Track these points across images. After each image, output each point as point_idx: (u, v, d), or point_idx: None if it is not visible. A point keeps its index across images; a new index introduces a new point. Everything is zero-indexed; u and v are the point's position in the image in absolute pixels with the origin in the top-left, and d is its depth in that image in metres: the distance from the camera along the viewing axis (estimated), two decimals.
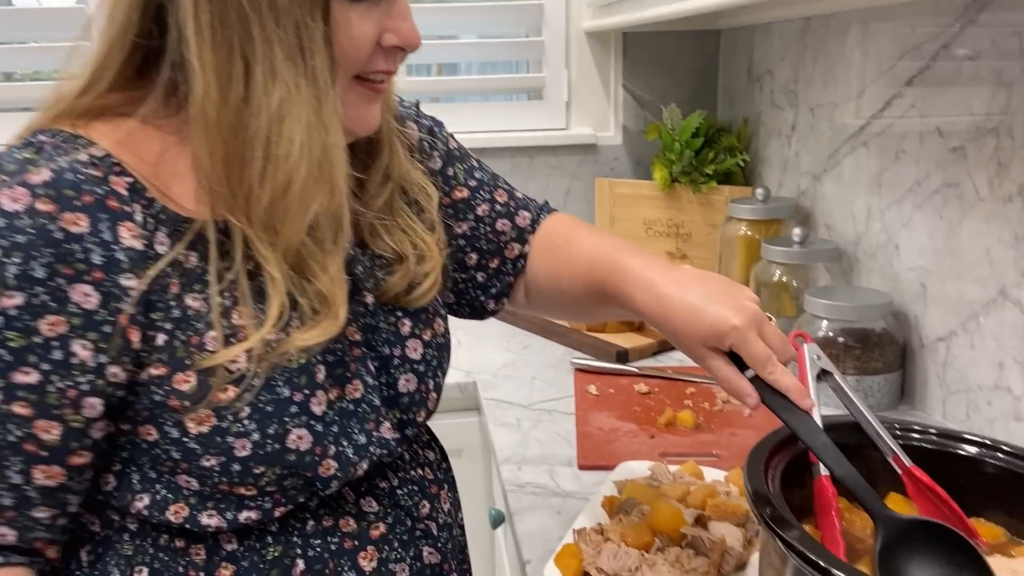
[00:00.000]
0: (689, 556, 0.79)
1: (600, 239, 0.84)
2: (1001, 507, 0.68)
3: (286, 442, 0.63)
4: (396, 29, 0.65)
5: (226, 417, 0.62)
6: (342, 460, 0.67)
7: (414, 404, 0.74)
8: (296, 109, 0.59)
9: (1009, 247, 1.02)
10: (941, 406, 1.17)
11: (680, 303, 0.72)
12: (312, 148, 0.60)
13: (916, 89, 1.19)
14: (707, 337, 0.70)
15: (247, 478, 0.63)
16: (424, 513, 0.76)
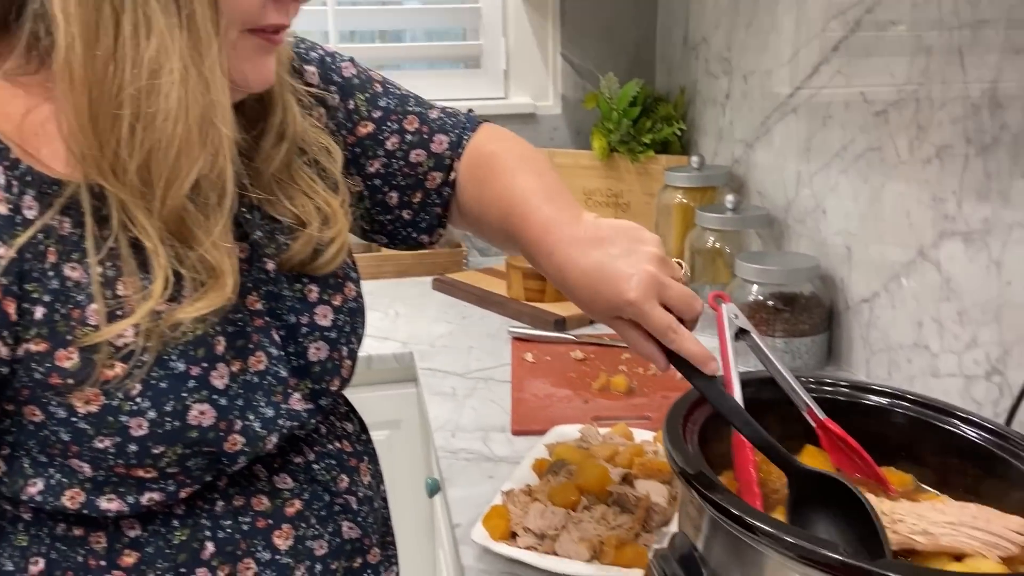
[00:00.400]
0: (615, 513, 0.80)
1: (514, 178, 0.78)
2: (909, 455, 0.70)
3: (187, 419, 0.60)
4: None
5: (115, 395, 0.58)
6: (249, 435, 0.64)
7: (326, 373, 0.71)
8: (172, 63, 0.55)
9: (928, 208, 1.05)
10: (865, 365, 1.20)
11: (578, 274, 0.69)
12: (191, 106, 0.56)
13: (841, 56, 1.20)
14: (606, 310, 0.69)
15: (145, 459, 0.59)
16: (343, 487, 0.74)
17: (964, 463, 0.66)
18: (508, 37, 1.88)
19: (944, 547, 0.58)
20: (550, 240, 0.72)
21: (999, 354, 0.95)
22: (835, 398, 0.72)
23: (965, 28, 0.96)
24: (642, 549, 0.76)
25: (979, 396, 0.98)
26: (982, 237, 0.96)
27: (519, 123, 1.91)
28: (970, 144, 0.96)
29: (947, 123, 1.00)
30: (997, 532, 0.58)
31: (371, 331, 1.50)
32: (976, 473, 0.65)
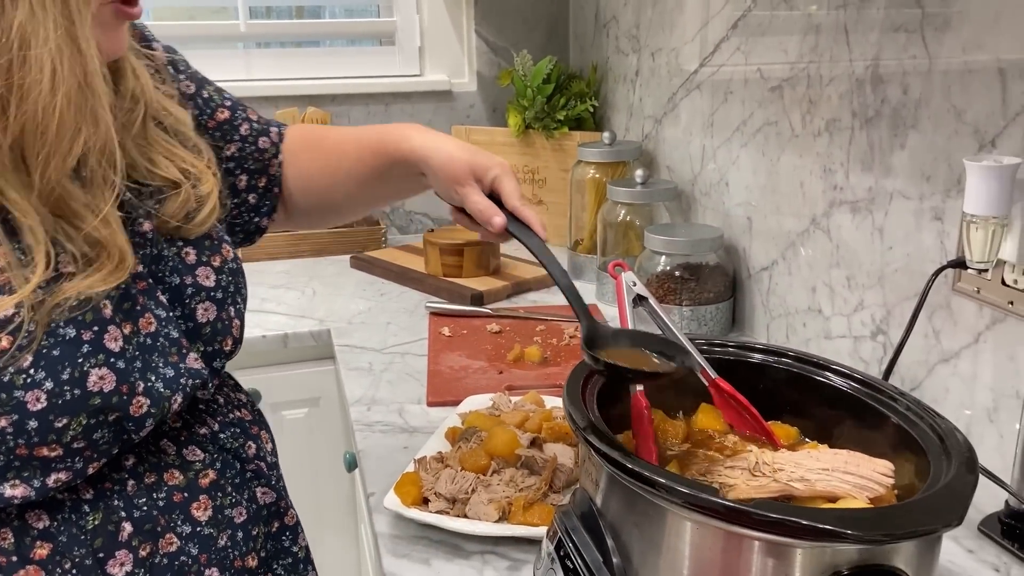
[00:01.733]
0: (523, 475, 0.83)
1: (349, 128, 0.92)
2: (793, 409, 0.75)
3: (87, 385, 0.58)
4: None
5: (5, 371, 0.55)
6: (153, 395, 0.62)
7: (217, 333, 0.70)
8: (43, 32, 0.53)
9: (819, 179, 1.10)
10: (766, 331, 1.26)
11: (454, 143, 0.84)
12: (67, 77, 0.54)
13: (740, 34, 1.25)
14: (478, 165, 0.82)
15: (48, 435, 0.57)
16: (251, 454, 0.74)
17: (839, 414, 0.71)
18: (422, 14, 1.88)
19: (820, 492, 0.63)
20: (418, 128, 0.86)
21: (883, 315, 1.01)
22: (724, 357, 0.76)
23: (850, 6, 1.01)
24: (549, 508, 0.79)
25: (866, 355, 1.05)
26: (867, 206, 1.02)
27: (435, 100, 1.91)
28: (856, 118, 1.02)
29: (835, 98, 1.05)
30: (866, 475, 0.63)
31: (288, 310, 1.49)
32: (850, 422, 0.70)
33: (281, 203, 0.92)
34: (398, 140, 0.86)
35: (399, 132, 0.87)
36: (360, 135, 0.90)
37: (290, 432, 1.46)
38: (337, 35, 1.94)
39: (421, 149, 0.84)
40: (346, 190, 0.91)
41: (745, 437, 0.74)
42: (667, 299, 1.29)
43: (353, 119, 1.87)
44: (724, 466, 0.66)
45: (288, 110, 1.77)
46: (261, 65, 1.83)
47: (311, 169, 0.90)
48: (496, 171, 0.83)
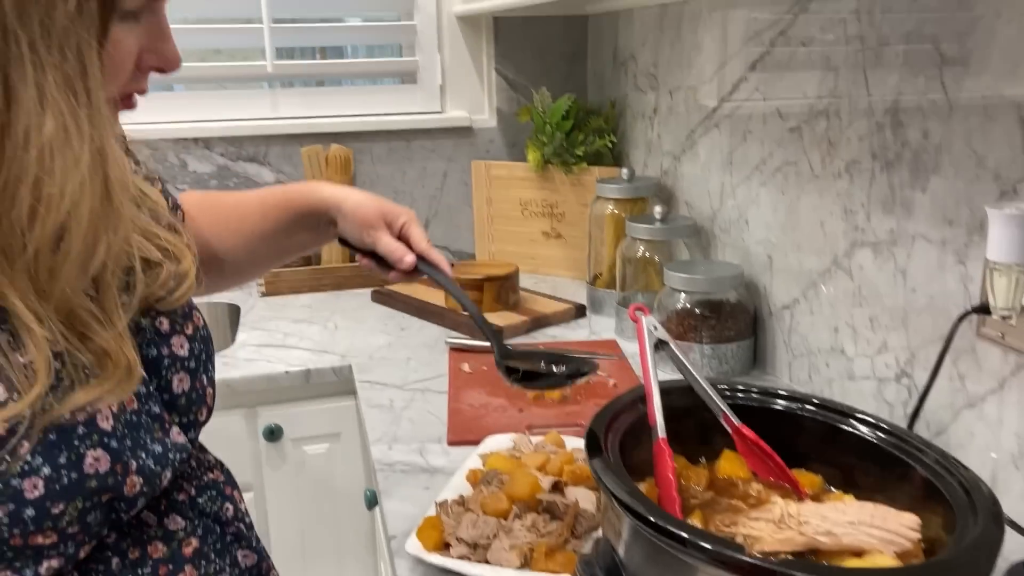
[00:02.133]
0: (545, 520, 0.83)
1: (246, 191, 0.96)
2: (818, 457, 0.74)
3: (83, 467, 0.56)
4: (157, 50, 0.61)
5: (2, 459, 0.53)
6: (146, 473, 0.61)
7: (192, 403, 0.69)
8: (72, 139, 0.51)
9: (840, 219, 1.10)
10: (788, 369, 1.25)
11: (364, 193, 0.92)
12: (93, 184, 0.53)
13: (759, 73, 1.26)
14: (388, 212, 0.90)
15: (44, 522, 0.55)
16: (230, 515, 0.73)
17: (865, 463, 0.70)
18: (444, 53, 1.90)
19: (846, 545, 0.63)
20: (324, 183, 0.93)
21: (907, 358, 1.01)
22: (747, 404, 0.76)
23: (869, 49, 1.02)
24: (571, 555, 0.79)
25: (890, 397, 1.04)
26: (888, 247, 1.02)
27: (455, 136, 1.93)
28: (876, 160, 1.02)
29: (855, 139, 1.06)
30: (893, 529, 0.62)
31: (310, 344, 1.50)
32: (877, 472, 0.69)
33: None
34: (306, 192, 0.92)
35: (306, 186, 0.94)
36: (263, 194, 0.94)
37: (311, 467, 1.47)
38: (362, 75, 1.97)
39: (332, 197, 0.91)
40: (250, 248, 0.94)
41: (769, 485, 0.74)
42: (687, 336, 1.29)
43: (375, 155, 1.89)
44: (749, 517, 0.66)
45: (313, 147, 1.80)
46: (287, 104, 1.87)
47: (210, 231, 0.91)
48: (404, 218, 0.91)
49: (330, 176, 1.81)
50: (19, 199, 0.51)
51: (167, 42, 0.61)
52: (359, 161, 1.88)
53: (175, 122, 1.78)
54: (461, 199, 1.97)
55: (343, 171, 1.83)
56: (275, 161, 1.85)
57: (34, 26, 0.50)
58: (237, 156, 1.83)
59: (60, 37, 0.51)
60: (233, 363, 1.44)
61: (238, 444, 1.43)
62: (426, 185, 1.95)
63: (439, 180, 1.95)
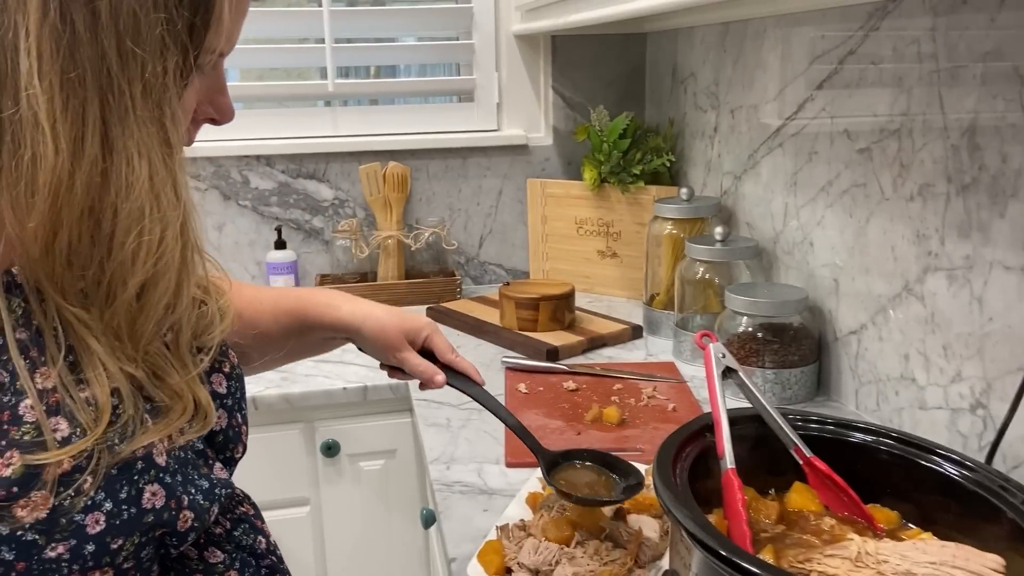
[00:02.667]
0: (608, 548, 0.81)
1: (261, 289, 0.95)
2: (895, 492, 0.72)
3: (141, 503, 0.56)
4: (214, 102, 0.62)
5: (67, 495, 0.53)
6: (197, 508, 0.61)
7: (229, 441, 0.69)
8: (166, 190, 0.53)
9: (912, 244, 1.07)
10: (854, 396, 1.22)
11: (383, 309, 0.92)
12: (179, 231, 0.54)
13: (826, 92, 1.24)
14: (410, 329, 0.92)
15: (103, 558, 0.55)
16: (263, 548, 0.72)
17: (947, 500, 0.68)
18: (501, 72, 1.91)
19: None
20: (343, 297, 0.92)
21: (983, 388, 0.97)
22: (821, 435, 0.74)
23: (944, 70, 0.99)
24: None
25: (964, 429, 1.00)
26: (964, 274, 0.98)
27: (511, 154, 1.94)
28: (951, 183, 0.99)
29: (928, 162, 1.03)
30: (975, 571, 0.60)
31: (367, 361, 1.50)
32: (957, 510, 0.67)
33: None
34: (323, 309, 0.91)
35: (323, 301, 0.92)
36: (277, 296, 0.92)
37: (367, 483, 1.48)
38: (421, 93, 1.99)
39: (351, 319, 0.91)
40: (256, 344, 0.90)
41: (842, 519, 0.72)
42: (748, 360, 1.26)
43: (431, 172, 1.91)
44: (824, 553, 0.64)
45: (371, 165, 1.82)
46: (346, 122, 1.89)
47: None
48: (427, 331, 0.93)
49: (388, 193, 1.83)
50: (125, 245, 0.53)
51: (224, 95, 0.63)
52: (415, 179, 1.90)
53: (238, 139, 1.82)
54: (516, 217, 1.97)
55: (400, 188, 1.84)
56: (334, 178, 1.87)
57: (135, 83, 0.52)
58: (297, 173, 1.86)
59: (157, 91, 0.53)
60: (292, 378, 1.45)
61: (296, 459, 1.45)
62: (481, 203, 1.96)
63: (494, 198, 1.96)
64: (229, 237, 1.85)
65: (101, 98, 0.51)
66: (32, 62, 0.49)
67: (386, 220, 1.85)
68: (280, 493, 1.45)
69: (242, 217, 1.85)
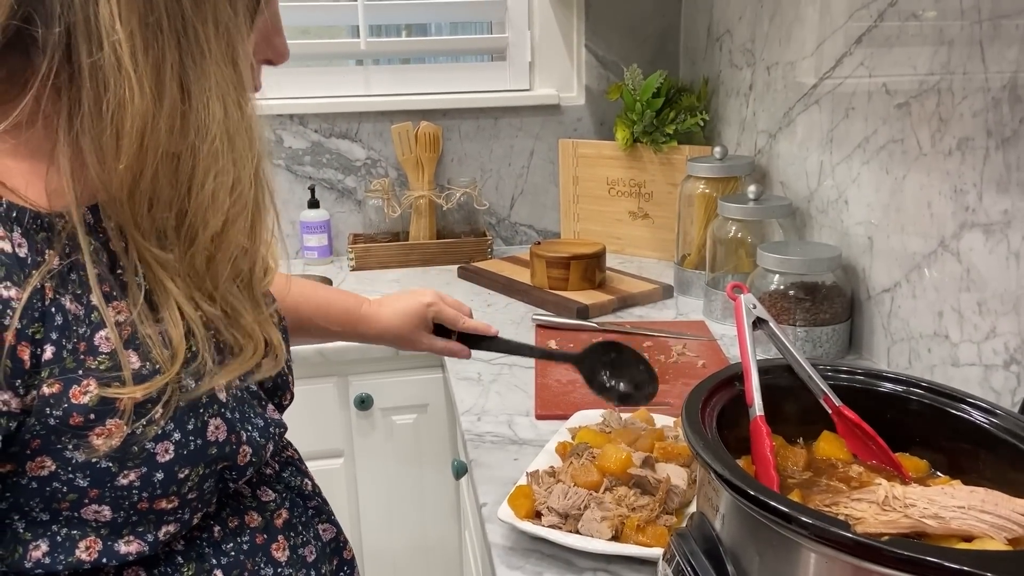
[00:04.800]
0: (636, 494, 0.83)
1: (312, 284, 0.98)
2: (923, 442, 0.72)
3: (206, 435, 0.59)
4: (271, 42, 0.63)
5: (139, 423, 0.55)
6: (254, 444, 0.63)
7: (278, 388, 0.71)
8: (241, 130, 0.54)
9: (949, 200, 1.06)
10: (886, 354, 1.21)
11: (390, 315, 0.96)
12: (252, 172, 0.56)
13: (865, 47, 1.21)
14: (416, 323, 0.96)
15: (171, 486, 0.57)
16: (309, 490, 0.75)
17: (976, 448, 0.68)
18: (534, 30, 1.90)
19: (954, 530, 0.61)
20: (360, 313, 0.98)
21: (1017, 344, 0.96)
22: (851, 385, 0.74)
23: (986, 22, 0.97)
24: (662, 529, 0.79)
25: (997, 385, 1.00)
26: (1002, 229, 0.97)
27: (543, 114, 1.93)
28: (991, 137, 0.98)
29: (968, 116, 1.01)
30: (1005, 515, 0.60)
31: None
32: (987, 458, 0.67)
33: None
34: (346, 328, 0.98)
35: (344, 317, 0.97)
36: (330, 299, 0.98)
37: (399, 436, 1.51)
38: (453, 51, 1.99)
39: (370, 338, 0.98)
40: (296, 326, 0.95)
41: (870, 467, 0.72)
42: (780, 319, 1.26)
43: (463, 132, 1.91)
44: (851, 498, 0.65)
45: (403, 125, 1.83)
46: (378, 81, 1.90)
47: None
48: (431, 312, 0.97)
49: (420, 153, 1.84)
50: (204, 186, 0.54)
51: (280, 35, 0.64)
52: (447, 139, 1.90)
53: (272, 98, 1.83)
54: (547, 178, 1.97)
55: (432, 148, 1.85)
56: (366, 138, 1.88)
57: (209, 23, 0.53)
58: (330, 132, 1.87)
59: (231, 31, 0.54)
60: None
61: (330, 412, 1.48)
62: (513, 163, 1.96)
63: (526, 158, 1.96)
64: None
65: (178, 41, 0.52)
66: (112, 7, 0.50)
67: (418, 180, 1.86)
68: (315, 445, 1.48)
69: (276, 176, 1.87)
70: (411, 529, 1.56)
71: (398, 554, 1.57)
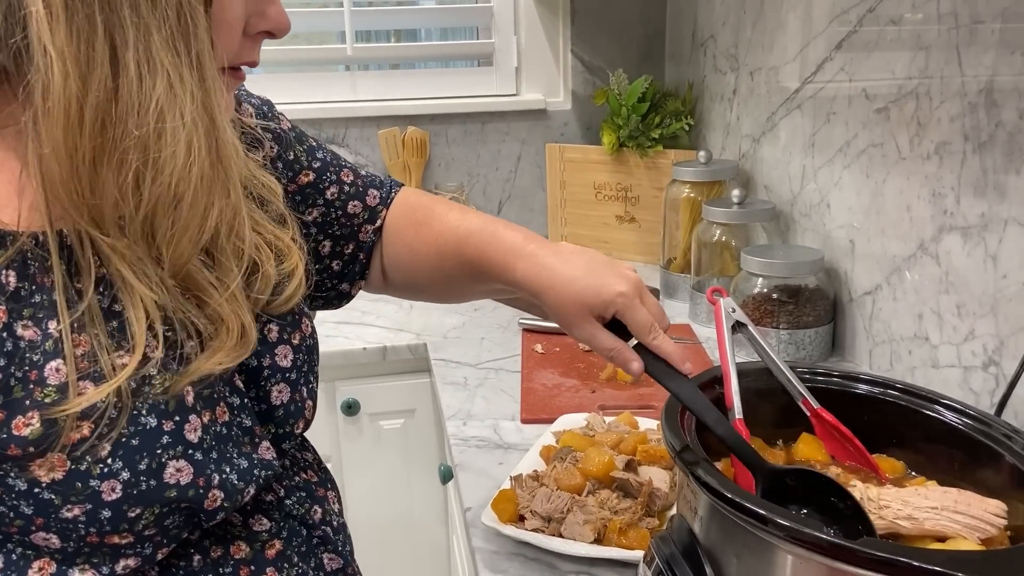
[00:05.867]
0: (618, 497, 0.84)
1: (465, 214, 0.80)
2: (900, 442, 0.73)
3: (163, 477, 0.56)
4: (263, 13, 0.60)
5: (83, 460, 0.53)
6: (228, 488, 0.59)
7: (290, 416, 0.67)
8: (180, 103, 0.51)
9: (927, 203, 1.07)
10: (868, 357, 1.23)
11: (565, 273, 0.71)
12: (202, 150, 0.53)
13: (845, 52, 1.23)
14: (593, 304, 0.70)
15: (120, 524, 0.54)
16: (317, 519, 0.71)
17: (950, 449, 0.69)
18: (520, 35, 1.91)
19: (928, 531, 0.62)
20: (531, 247, 0.74)
21: (995, 345, 0.98)
22: (828, 387, 0.75)
23: (963, 27, 0.98)
24: (644, 532, 0.80)
25: (976, 386, 1.01)
26: (979, 232, 0.98)
27: (530, 119, 1.94)
28: (968, 141, 0.99)
29: (946, 120, 1.02)
30: (977, 515, 0.61)
31: (386, 323, 1.54)
32: (961, 458, 0.68)
33: (374, 270, 0.86)
34: (500, 267, 0.75)
35: (501, 255, 0.75)
36: (462, 239, 0.78)
37: (387, 442, 1.51)
38: (439, 57, 1.99)
39: (526, 285, 0.73)
40: (434, 284, 0.84)
41: (848, 469, 0.73)
42: (763, 322, 1.27)
43: (450, 137, 1.92)
44: None
45: (390, 130, 1.83)
46: (364, 86, 1.90)
47: (400, 248, 0.84)
48: (617, 305, 0.70)
49: (407, 158, 1.84)
50: (127, 164, 0.51)
51: (274, 3, 0.60)
52: (434, 144, 1.91)
53: None
54: (534, 182, 1.98)
55: (419, 153, 1.86)
56: (353, 143, 1.89)
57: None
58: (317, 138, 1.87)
59: (168, 6, 0.51)
60: None
61: (317, 417, 1.48)
62: (500, 168, 1.96)
63: (513, 163, 1.97)
64: None
65: (104, 13, 0.49)
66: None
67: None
68: None
69: None
70: (399, 534, 1.56)
71: (385, 559, 1.57)
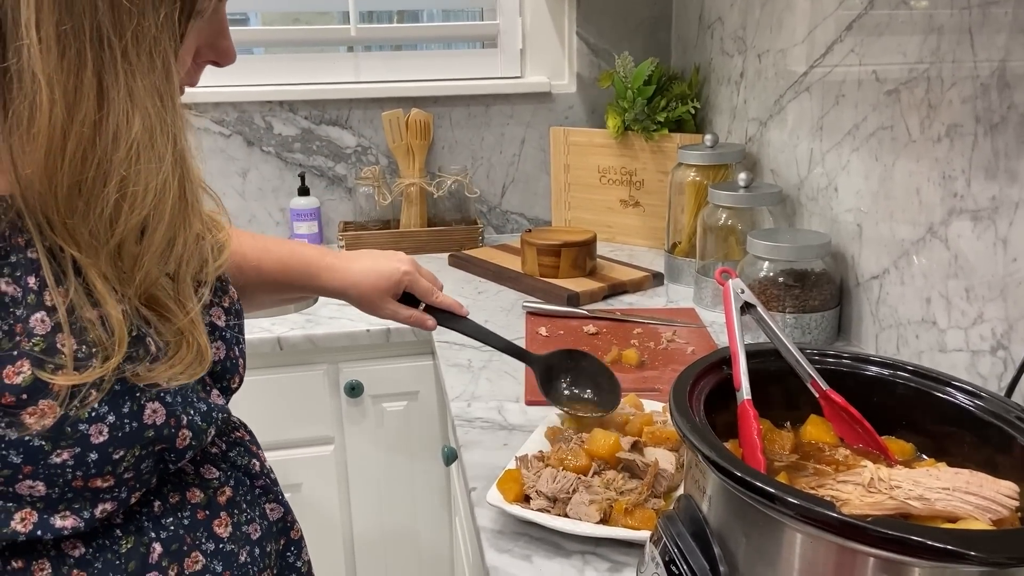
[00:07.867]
0: (624, 478, 0.83)
1: (253, 238, 0.94)
2: (909, 425, 0.72)
3: (142, 418, 0.60)
4: (215, 45, 0.64)
5: (72, 403, 0.56)
6: (194, 428, 0.64)
7: (227, 372, 0.72)
8: (157, 141, 0.55)
9: (937, 186, 1.06)
10: (874, 341, 1.22)
11: (359, 271, 0.94)
12: (174, 183, 0.56)
13: (855, 35, 1.21)
14: (388, 287, 0.94)
15: (105, 466, 0.58)
16: (257, 470, 0.76)
17: (961, 431, 0.68)
18: (524, 17, 1.90)
19: (939, 511, 0.61)
20: (325, 262, 0.95)
21: (1004, 329, 0.97)
22: (837, 369, 0.74)
23: (975, 8, 0.97)
24: (650, 512, 0.80)
25: (984, 371, 1.01)
26: (989, 215, 0.98)
27: (535, 102, 1.93)
28: (979, 124, 0.98)
29: (957, 102, 1.01)
30: (989, 496, 0.60)
31: None
32: (972, 441, 0.67)
33: None
34: (305, 279, 0.95)
35: (303, 268, 0.94)
36: (263, 260, 0.92)
37: (390, 423, 1.51)
38: (443, 38, 1.98)
39: (332, 289, 0.95)
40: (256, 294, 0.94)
41: (857, 451, 0.73)
42: (770, 306, 1.26)
43: (454, 120, 1.90)
44: (836, 480, 0.65)
45: (393, 112, 1.82)
46: (368, 68, 1.89)
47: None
48: (405, 281, 0.95)
49: (410, 140, 1.83)
50: (106, 195, 0.54)
51: (225, 39, 0.64)
52: (438, 126, 1.90)
53: (261, 85, 1.82)
54: (538, 166, 1.97)
55: (423, 136, 1.84)
56: (357, 125, 1.88)
57: (127, 35, 0.53)
58: (320, 119, 1.86)
59: (150, 45, 0.54)
60: (316, 320, 1.48)
61: (320, 399, 1.48)
62: (504, 151, 1.95)
63: (517, 146, 1.96)
64: (253, 183, 1.87)
65: (95, 50, 0.52)
66: (31, 13, 0.51)
67: (408, 168, 1.86)
68: (305, 432, 1.49)
69: (266, 163, 1.86)
70: (401, 516, 1.56)
71: (388, 540, 1.57)
